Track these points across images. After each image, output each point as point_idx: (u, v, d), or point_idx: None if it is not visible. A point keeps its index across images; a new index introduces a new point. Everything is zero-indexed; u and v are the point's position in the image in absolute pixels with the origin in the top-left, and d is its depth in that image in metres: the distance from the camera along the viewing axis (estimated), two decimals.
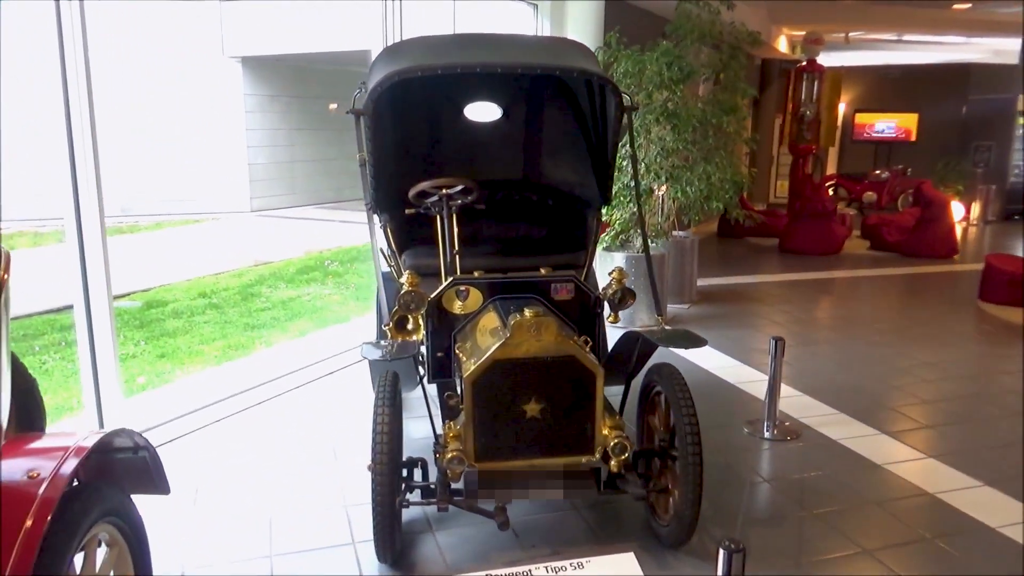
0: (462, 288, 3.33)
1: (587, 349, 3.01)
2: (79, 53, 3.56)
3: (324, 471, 3.80)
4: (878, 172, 15.21)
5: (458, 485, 2.95)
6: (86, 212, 3.74)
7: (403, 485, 2.99)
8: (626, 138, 4.04)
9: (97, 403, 3.91)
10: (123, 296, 7.86)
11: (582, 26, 7.27)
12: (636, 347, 3.18)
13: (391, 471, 2.74)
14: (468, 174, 3.98)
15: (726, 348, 5.92)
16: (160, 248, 11.38)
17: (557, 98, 4.31)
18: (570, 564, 2.79)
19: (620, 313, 3.35)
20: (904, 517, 3.41)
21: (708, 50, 7.43)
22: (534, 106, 4.48)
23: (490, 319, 3.19)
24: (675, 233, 7.56)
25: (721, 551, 2.13)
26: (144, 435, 2.35)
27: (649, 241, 6.65)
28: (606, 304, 3.45)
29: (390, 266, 4.14)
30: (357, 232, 11.92)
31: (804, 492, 3.65)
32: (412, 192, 3.68)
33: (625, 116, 3.62)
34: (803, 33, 14.09)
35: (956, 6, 11.23)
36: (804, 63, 13.45)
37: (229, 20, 14.97)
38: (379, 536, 2.79)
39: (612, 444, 2.86)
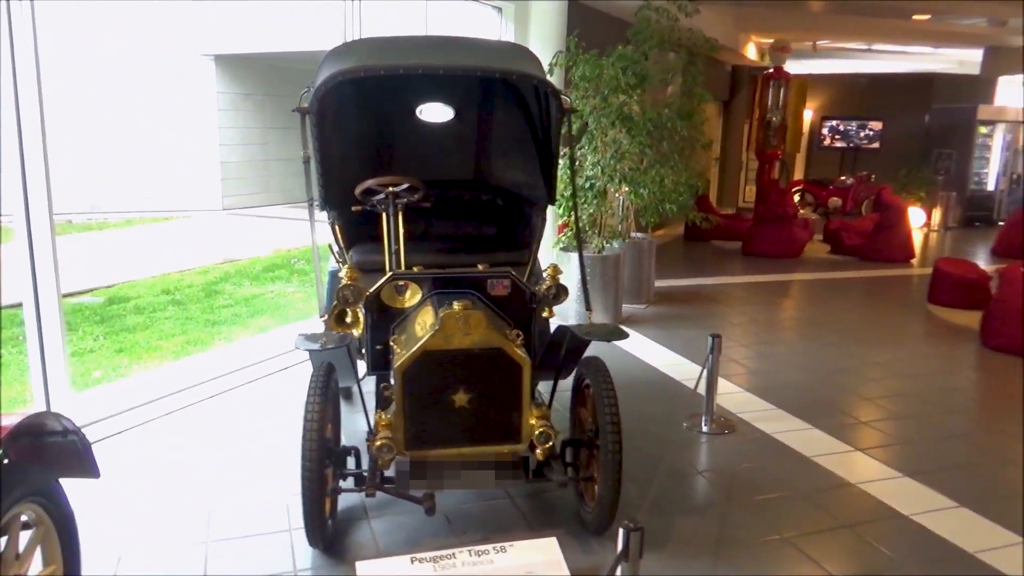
0: (401, 283, 3.42)
1: (518, 342, 3.12)
2: (29, 51, 3.60)
3: (269, 462, 3.88)
4: (843, 178, 15.50)
5: (393, 473, 3.05)
6: (35, 211, 3.78)
7: (337, 472, 3.09)
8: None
9: (46, 397, 3.97)
10: (86, 292, 7.88)
11: (545, 29, 7.40)
12: (565, 341, 3.30)
13: (319, 458, 2.83)
14: (419, 173, 4.08)
15: (677, 347, 6.07)
16: (128, 245, 11.36)
17: (507, 101, 4.41)
18: (493, 548, 2.90)
19: (575, 311, 3.43)
20: (826, 506, 3.54)
21: (674, 55, 7.58)
22: (485, 108, 4.59)
23: (427, 313, 3.29)
24: (633, 234, 7.71)
25: (621, 530, 2.25)
26: (73, 421, 2.43)
27: (606, 242, 6.83)
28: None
29: (338, 262, 4.23)
30: (328, 230, 11.94)
31: (732, 483, 3.79)
32: (358, 189, 3.77)
33: (565, 118, 3.74)
34: (771, 41, 14.36)
35: (915, 17, 11.50)
36: (771, 70, 13.72)
37: (202, 18, 14.94)
38: (308, 521, 2.88)
39: (536, 433, 2.97)
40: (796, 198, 15.57)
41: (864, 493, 3.68)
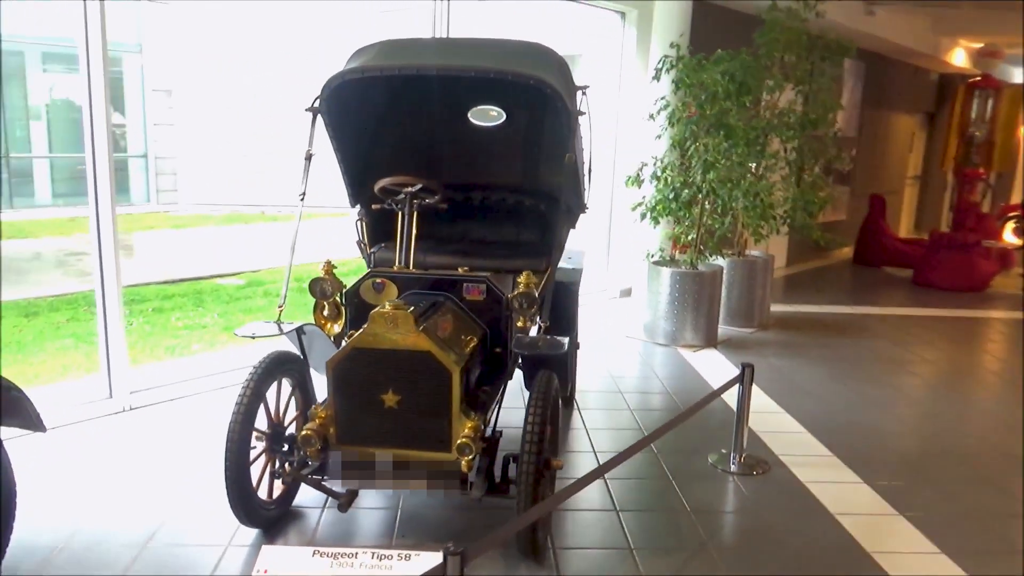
0: (378, 281, 3.47)
1: (464, 351, 3.06)
2: (98, 61, 4.08)
3: None
4: None
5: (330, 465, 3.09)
6: (103, 213, 4.26)
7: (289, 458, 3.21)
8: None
9: (107, 367, 4.47)
10: (232, 275, 8.76)
11: (667, 32, 7.04)
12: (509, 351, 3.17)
13: (242, 439, 2.94)
14: (466, 177, 4.11)
15: (762, 378, 5.53)
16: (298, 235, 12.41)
17: (553, 105, 4.29)
18: (398, 554, 2.85)
19: (663, 331, 3.09)
20: (816, 569, 3.07)
21: (827, 63, 6.94)
22: (534, 112, 4.49)
23: None
24: (750, 252, 7.16)
25: (442, 552, 2.12)
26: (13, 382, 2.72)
27: (705, 258, 6.37)
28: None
29: (364, 258, 4.37)
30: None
31: (722, 528, 3.40)
32: (377, 187, 3.87)
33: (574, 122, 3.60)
34: (980, 45, 12.67)
35: None
36: (976, 78, 12.14)
37: (359, 16, 15.82)
38: (231, 498, 2.99)
39: (457, 443, 2.87)
40: (1010, 225, 13.58)
41: (875, 565, 3.14)
